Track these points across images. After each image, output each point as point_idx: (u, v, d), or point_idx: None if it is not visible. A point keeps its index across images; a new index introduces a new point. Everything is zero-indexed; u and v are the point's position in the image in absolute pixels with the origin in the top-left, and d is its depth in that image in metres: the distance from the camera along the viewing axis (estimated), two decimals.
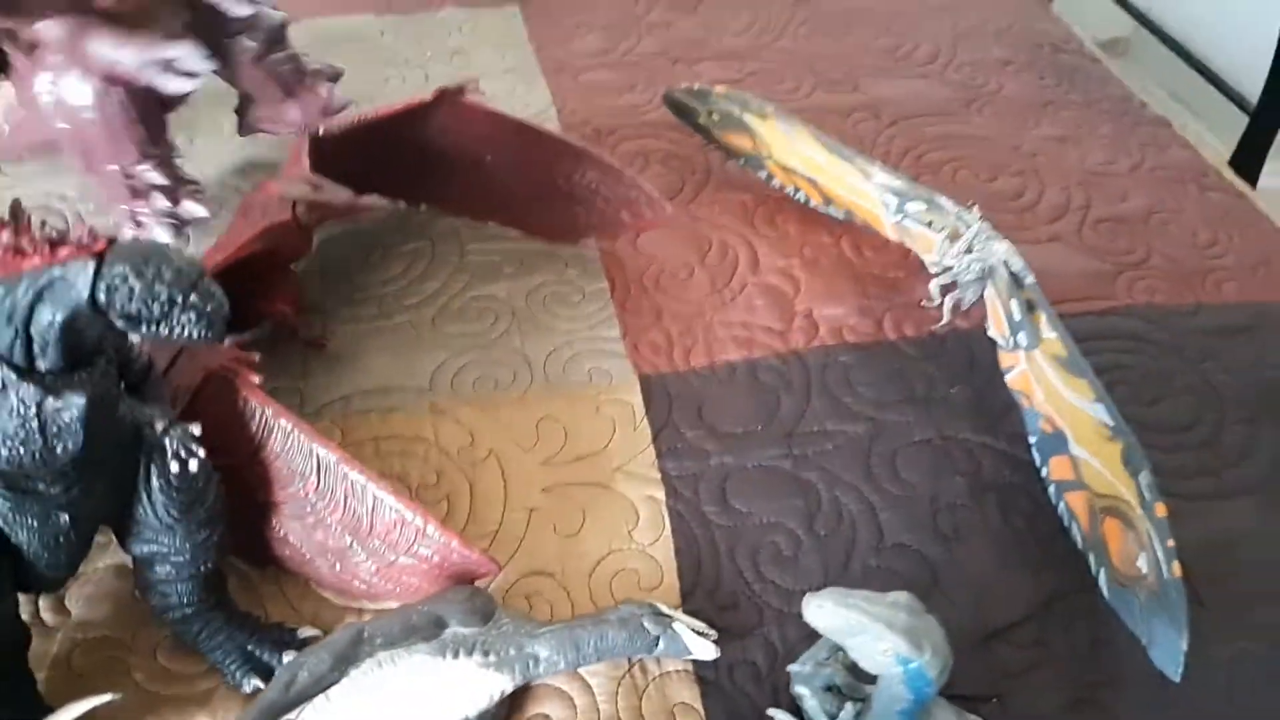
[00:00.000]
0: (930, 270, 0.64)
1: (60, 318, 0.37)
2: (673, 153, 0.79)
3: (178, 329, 0.37)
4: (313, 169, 0.62)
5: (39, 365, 0.38)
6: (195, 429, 0.44)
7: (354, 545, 0.49)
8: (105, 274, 0.36)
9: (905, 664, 0.37)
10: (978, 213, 0.62)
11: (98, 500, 0.43)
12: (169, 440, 0.43)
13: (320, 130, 0.64)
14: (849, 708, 0.41)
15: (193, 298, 0.37)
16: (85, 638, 0.50)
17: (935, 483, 0.56)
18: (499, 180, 0.70)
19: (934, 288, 0.63)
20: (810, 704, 0.42)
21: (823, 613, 0.38)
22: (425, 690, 0.44)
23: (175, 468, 0.43)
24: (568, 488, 0.56)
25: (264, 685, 0.46)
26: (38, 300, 0.36)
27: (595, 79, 0.89)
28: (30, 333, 0.37)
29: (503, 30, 0.95)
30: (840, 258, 0.70)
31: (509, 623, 0.46)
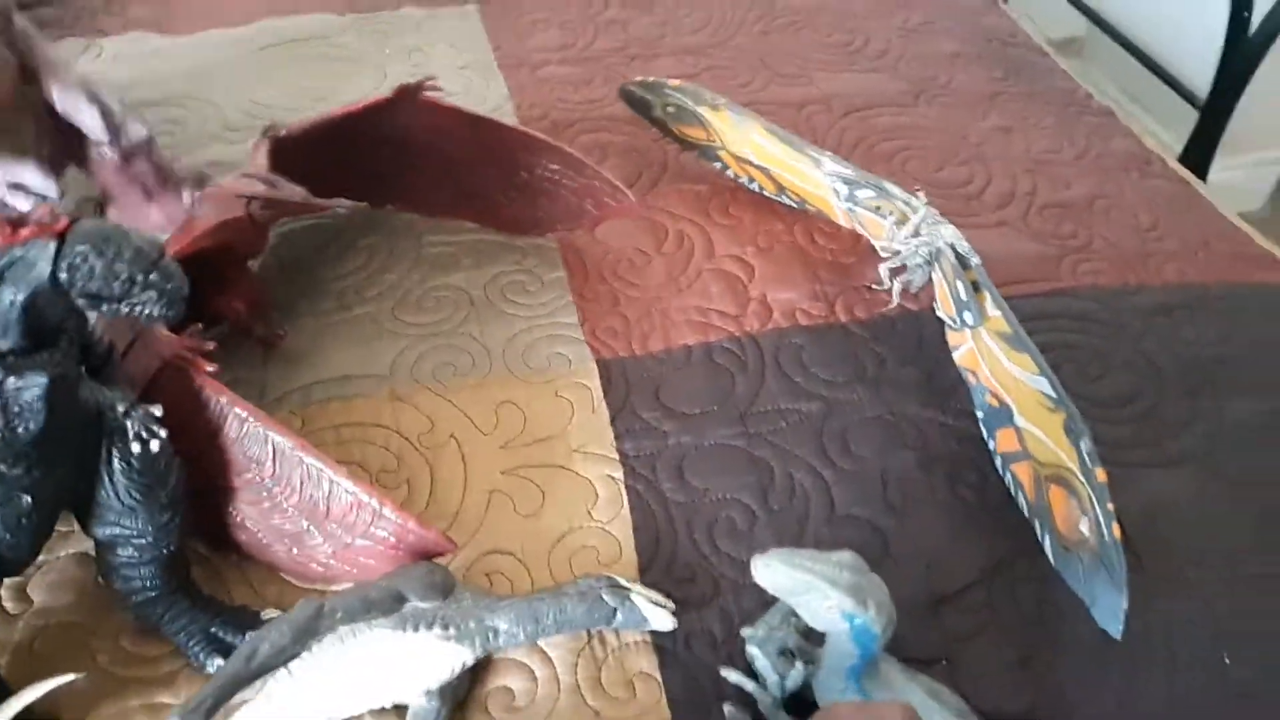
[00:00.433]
0: (880, 254, 0.66)
1: (21, 297, 0.37)
2: (629, 145, 0.81)
3: (139, 307, 0.38)
4: (274, 168, 0.62)
5: (0, 346, 0.38)
6: (156, 410, 0.44)
7: (311, 529, 0.50)
8: (66, 253, 0.37)
9: (851, 620, 0.39)
10: (924, 198, 0.64)
11: (59, 482, 0.43)
12: (130, 422, 0.43)
13: (281, 130, 0.65)
14: (799, 666, 0.42)
15: (153, 276, 0.38)
16: (47, 624, 0.50)
17: (885, 457, 0.58)
18: (462, 176, 0.71)
19: (883, 271, 0.65)
20: (762, 664, 0.44)
21: (770, 572, 0.40)
22: (386, 663, 0.45)
23: (137, 449, 0.44)
24: (527, 469, 0.57)
25: None
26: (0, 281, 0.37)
27: (552, 74, 0.90)
28: None
29: (460, 28, 0.96)
30: (793, 244, 0.72)
31: (469, 597, 0.47)
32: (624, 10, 1.00)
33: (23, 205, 0.58)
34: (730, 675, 0.45)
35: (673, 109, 0.76)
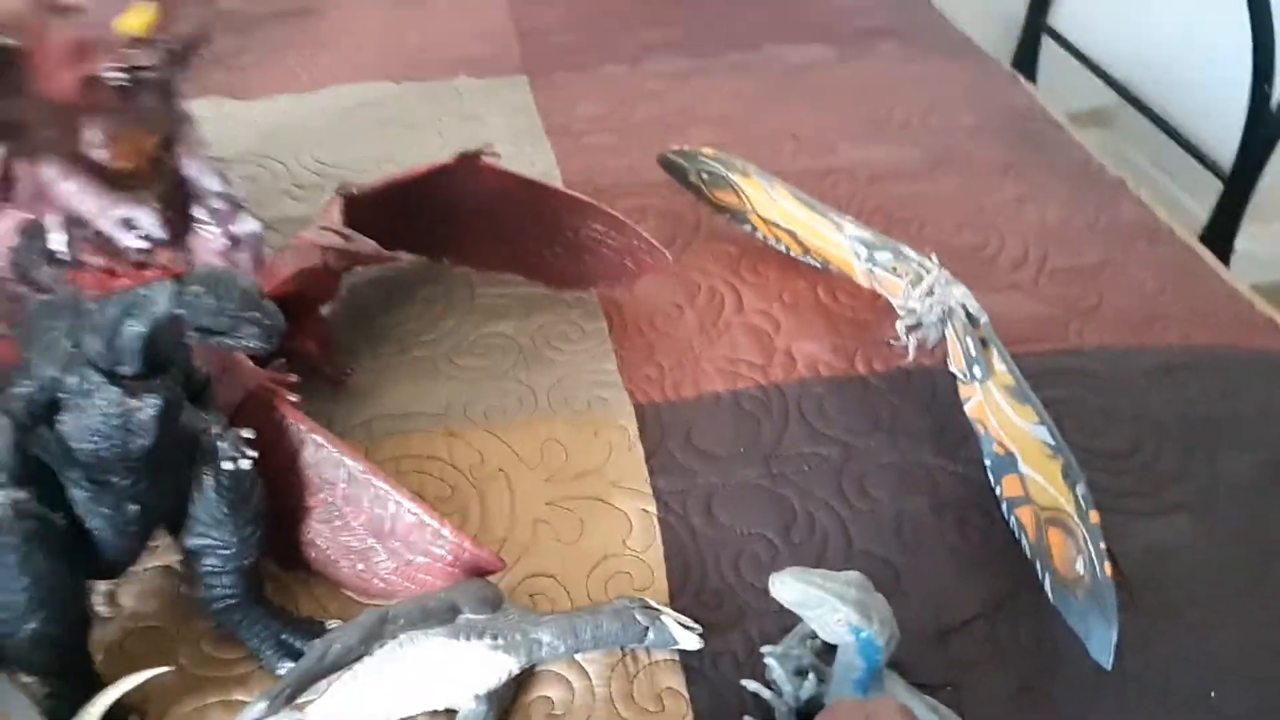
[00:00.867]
0: (897, 312, 0.71)
1: (145, 329, 0.43)
2: (666, 208, 0.87)
3: (243, 340, 0.44)
4: (346, 224, 0.69)
5: (122, 371, 0.44)
6: (248, 434, 0.50)
7: (376, 546, 0.55)
8: (185, 292, 0.43)
9: (857, 633, 0.43)
10: (937, 260, 0.70)
11: (160, 495, 0.49)
12: (224, 442, 0.49)
13: (354, 189, 0.72)
14: (813, 679, 0.47)
15: (256, 314, 0.44)
16: (136, 627, 0.55)
17: (899, 500, 0.63)
18: (512, 234, 0.78)
19: (900, 328, 0.70)
20: (779, 674, 0.48)
21: (785, 587, 0.44)
22: (441, 668, 0.49)
23: (229, 467, 0.50)
24: (568, 501, 0.62)
25: None
26: (126, 314, 0.43)
27: (595, 142, 0.97)
28: (117, 343, 0.43)
29: (511, 98, 1.04)
30: (816, 301, 0.77)
31: (515, 612, 0.52)
32: (661, 83, 1.07)
33: (130, 241, 0.64)
34: (750, 685, 0.49)
35: (707, 175, 0.82)
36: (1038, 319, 0.77)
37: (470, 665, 0.50)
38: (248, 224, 0.69)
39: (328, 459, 0.55)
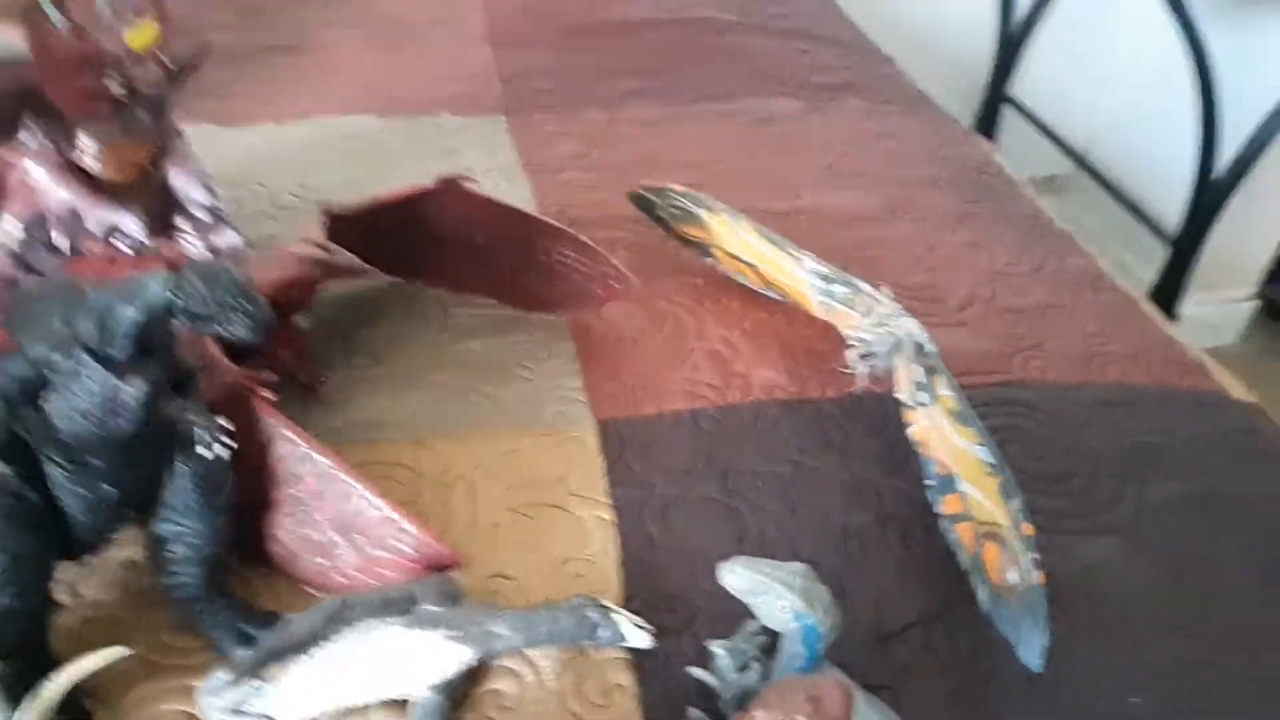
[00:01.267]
0: (849, 342, 0.74)
1: (139, 315, 0.46)
2: (636, 241, 0.90)
3: (233, 327, 0.46)
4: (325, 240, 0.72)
5: (113, 355, 0.47)
6: (225, 423, 0.52)
7: (339, 541, 0.57)
8: (180, 280, 0.45)
9: (801, 620, 0.46)
10: (889, 293, 0.73)
11: (135, 479, 0.51)
12: (203, 430, 0.51)
13: (336, 209, 0.75)
14: (756, 667, 0.49)
15: (245, 303, 0.46)
16: (95, 616, 0.57)
17: (846, 515, 0.65)
18: (486, 257, 0.81)
19: (851, 356, 0.74)
20: (723, 661, 0.50)
21: (734, 575, 0.47)
22: (397, 656, 0.51)
23: (206, 454, 0.52)
24: (529, 507, 0.65)
25: None
26: (121, 300, 0.46)
27: (570, 178, 1.01)
28: (110, 326, 0.46)
29: (490, 135, 1.08)
30: (775, 330, 0.81)
31: (473, 606, 0.54)
32: (637, 128, 1.12)
33: (121, 248, 0.67)
34: (695, 672, 0.51)
35: (676, 210, 0.86)
36: (984, 353, 0.81)
37: (425, 654, 0.51)
38: (229, 236, 0.72)
39: (296, 454, 0.57)
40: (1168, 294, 1.86)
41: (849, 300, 0.75)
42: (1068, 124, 2.12)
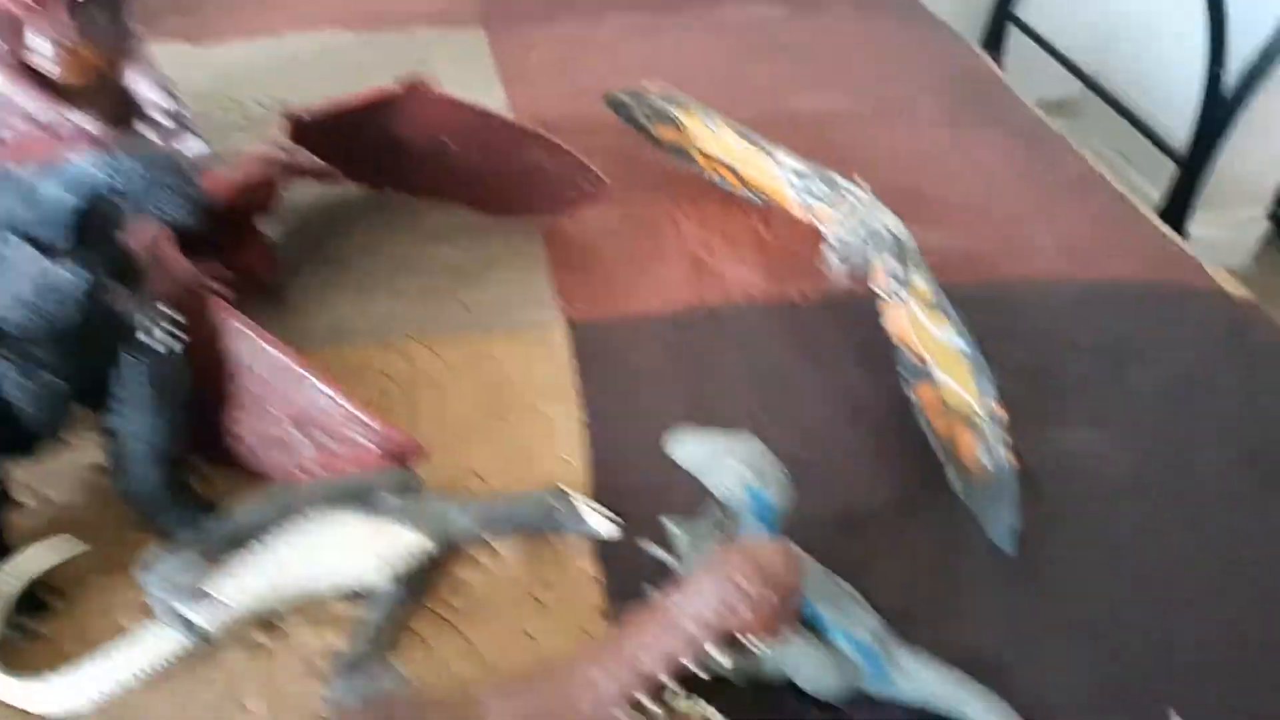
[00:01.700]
0: (827, 240, 0.72)
1: (75, 199, 0.44)
2: (613, 146, 0.87)
3: (165, 205, 0.45)
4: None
5: (47, 238, 0.45)
6: (177, 315, 0.51)
7: (298, 436, 0.56)
8: (112, 160, 0.44)
9: (752, 492, 0.45)
10: (866, 186, 0.71)
11: (85, 371, 0.50)
12: (154, 323, 0.50)
13: (301, 114, 0.73)
14: (712, 545, 0.48)
15: (178, 182, 0.45)
16: (58, 515, 0.56)
17: (820, 407, 0.64)
18: (458, 164, 0.79)
19: (829, 254, 0.72)
20: (681, 540, 0.49)
21: (683, 447, 0.46)
22: (352, 543, 0.51)
23: (156, 347, 0.51)
24: (499, 407, 0.64)
25: None
26: (52, 181, 0.44)
27: (548, 89, 0.98)
28: (43, 209, 0.44)
29: (467, 47, 1.05)
30: (752, 232, 0.79)
31: (433, 496, 0.53)
32: (616, 37, 1.09)
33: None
34: (652, 549, 0.50)
35: (651, 112, 0.84)
36: (967, 253, 0.79)
37: (382, 541, 0.51)
38: (193, 143, 0.71)
39: (251, 349, 0.56)
40: (1177, 213, 1.83)
41: (827, 197, 0.73)
42: (1074, 43, 2.06)
